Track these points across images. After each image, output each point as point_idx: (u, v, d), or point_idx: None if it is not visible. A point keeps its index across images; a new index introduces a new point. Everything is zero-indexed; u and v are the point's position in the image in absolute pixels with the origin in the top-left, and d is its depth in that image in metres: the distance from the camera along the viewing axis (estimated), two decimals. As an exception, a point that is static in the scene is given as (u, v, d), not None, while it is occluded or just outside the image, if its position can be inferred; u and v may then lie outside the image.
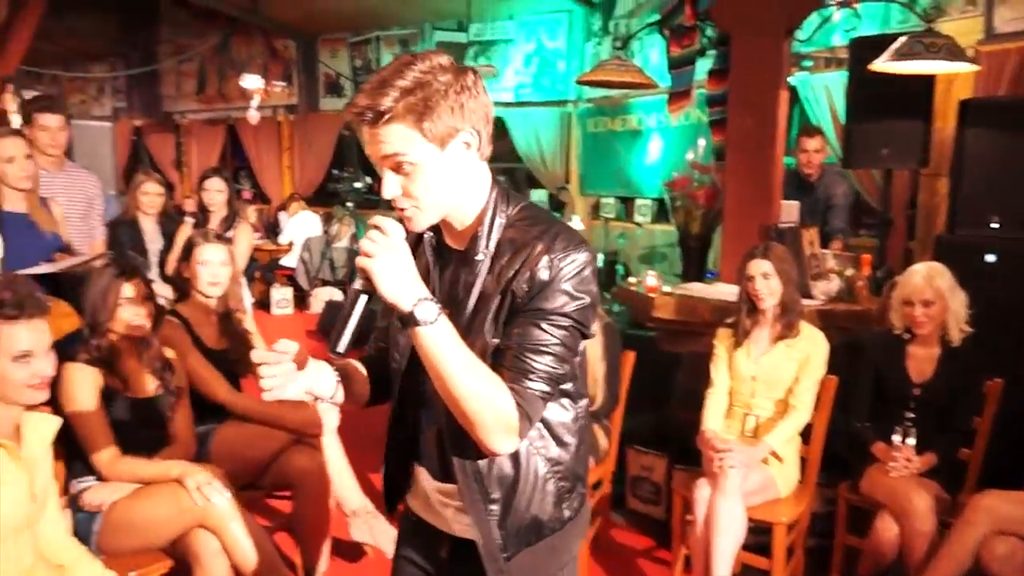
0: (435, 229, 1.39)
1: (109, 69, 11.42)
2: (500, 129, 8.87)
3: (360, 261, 1.20)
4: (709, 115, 4.42)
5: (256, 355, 1.28)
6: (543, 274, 1.27)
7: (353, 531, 2.86)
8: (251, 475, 2.69)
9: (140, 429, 2.41)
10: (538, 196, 8.51)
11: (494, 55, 8.61)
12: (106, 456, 2.29)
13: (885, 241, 4.45)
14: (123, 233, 4.20)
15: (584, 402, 1.44)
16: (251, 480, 2.70)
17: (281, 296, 8.11)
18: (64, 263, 3.14)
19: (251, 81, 8.86)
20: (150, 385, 2.47)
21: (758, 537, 2.69)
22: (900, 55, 3.28)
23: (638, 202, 7.69)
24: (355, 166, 9.43)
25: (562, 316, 1.27)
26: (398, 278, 1.20)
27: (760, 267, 2.78)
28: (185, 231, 3.91)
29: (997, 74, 4.69)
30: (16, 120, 5.48)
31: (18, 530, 1.82)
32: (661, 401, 3.63)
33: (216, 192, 4.28)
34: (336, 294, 8.07)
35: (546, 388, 1.28)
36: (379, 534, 2.86)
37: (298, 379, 1.32)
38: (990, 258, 3.45)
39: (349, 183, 8.33)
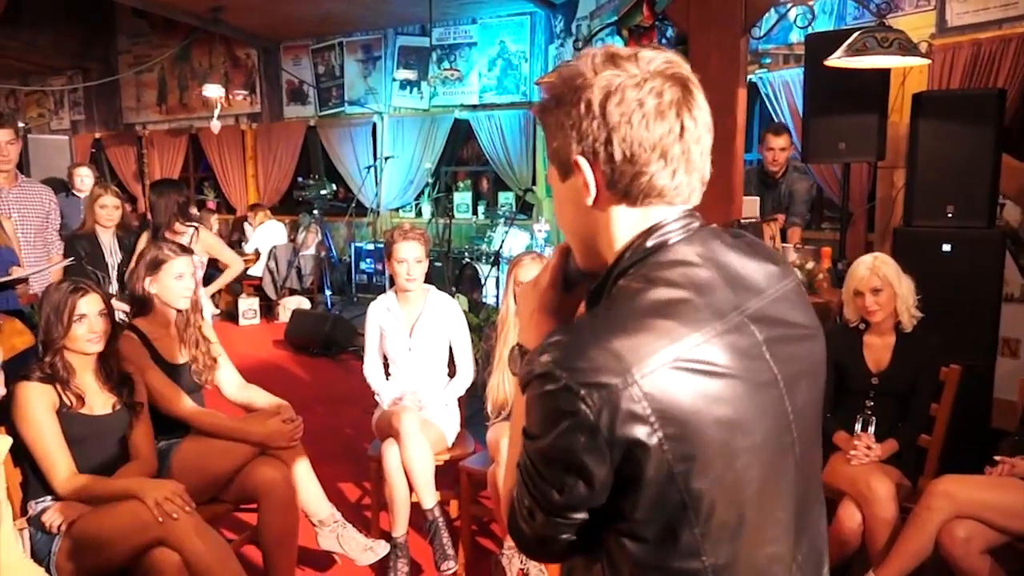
0: None
1: (67, 82, 11.26)
2: (466, 132, 8.88)
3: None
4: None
5: None
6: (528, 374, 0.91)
7: (321, 540, 2.84)
8: (215, 489, 2.66)
9: (98, 446, 2.38)
10: (505, 198, 8.53)
11: (458, 59, 8.61)
12: (63, 475, 2.24)
13: (845, 234, 4.51)
14: (81, 247, 4.14)
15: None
16: (215, 494, 2.67)
17: (248, 306, 8.02)
18: (17, 275, 3.08)
19: (212, 90, 8.76)
20: (108, 402, 2.42)
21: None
22: (854, 50, 3.32)
23: (604, 202, 7.74)
24: (320, 173, 9.38)
25: (526, 437, 0.92)
26: (521, 314, 1.12)
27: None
28: (143, 242, 3.85)
29: (949, 67, 4.79)
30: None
31: (-30, 554, 1.78)
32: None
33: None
34: (304, 303, 8.00)
35: (525, 515, 0.94)
36: (347, 543, 2.83)
37: None
38: (946, 248, 3.52)
39: (315, 190, 8.26)
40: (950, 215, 3.54)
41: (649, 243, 0.95)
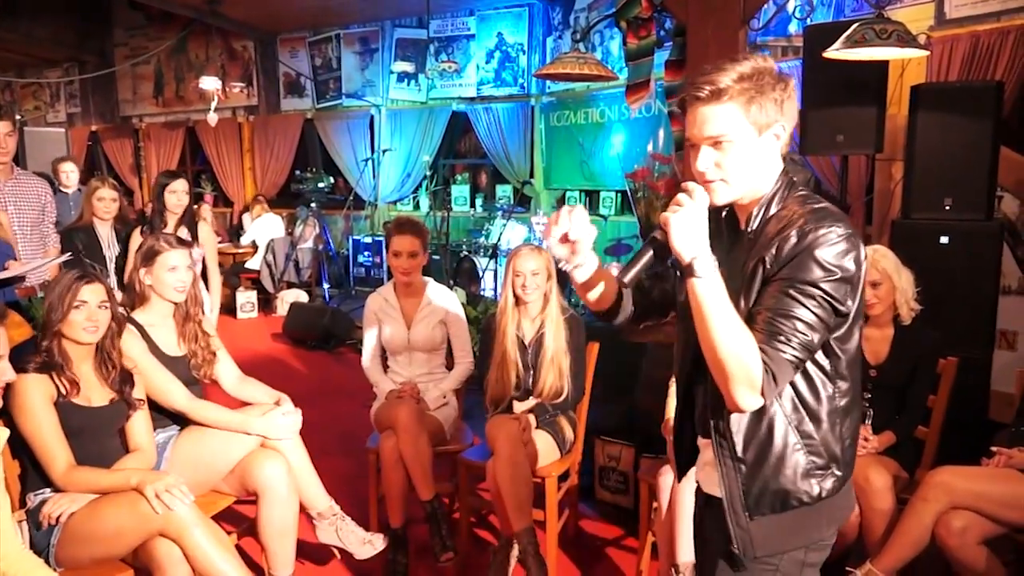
0: (732, 212, 1.55)
1: (63, 74, 11.22)
2: (464, 125, 8.86)
3: (664, 213, 1.39)
4: (668, 106, 4.44)
5: None
6: (794, 241, 1.37)
7: (320, 534, 2.84)
8: (214, 481, 2.66)
9: (96, 438, 2.37)
10: (503, 191, 8.52)
11: (455, 51, 8.58)
12: (61, 467, 2.24)
13: (843, 226, 4.51)
14: (78, 239, 4.12)
15: (845, 385, 1.48)
16: (214, 486, 2.68)
17: (245, 299, 8.01)
18: (15, 271, 3.08)
19: (209, 83, 8.73)
20: (107, 393, 2.42)
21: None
22: (852, 42, 3.32)
23: (602, 194, 7.74)
24: (318, 166, 9.35)
25: (811, 286, 1.35)
26: (688, 233, 1.36)
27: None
28: (136, 237, 3.83)
29: (948, 60, 4.78)
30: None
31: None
32: (626, 391, 3.65)
33: (184, 193, 4.11)
34: (302, 296, 8.00)
35: (795, 353, 1.35)
36: (346, 536, 2.83)
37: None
38: (944, 240, 3.52)
39: (312, 183, 8.24)
40: (948, 207, 3.54)
41: (787, 175, 1.50)
